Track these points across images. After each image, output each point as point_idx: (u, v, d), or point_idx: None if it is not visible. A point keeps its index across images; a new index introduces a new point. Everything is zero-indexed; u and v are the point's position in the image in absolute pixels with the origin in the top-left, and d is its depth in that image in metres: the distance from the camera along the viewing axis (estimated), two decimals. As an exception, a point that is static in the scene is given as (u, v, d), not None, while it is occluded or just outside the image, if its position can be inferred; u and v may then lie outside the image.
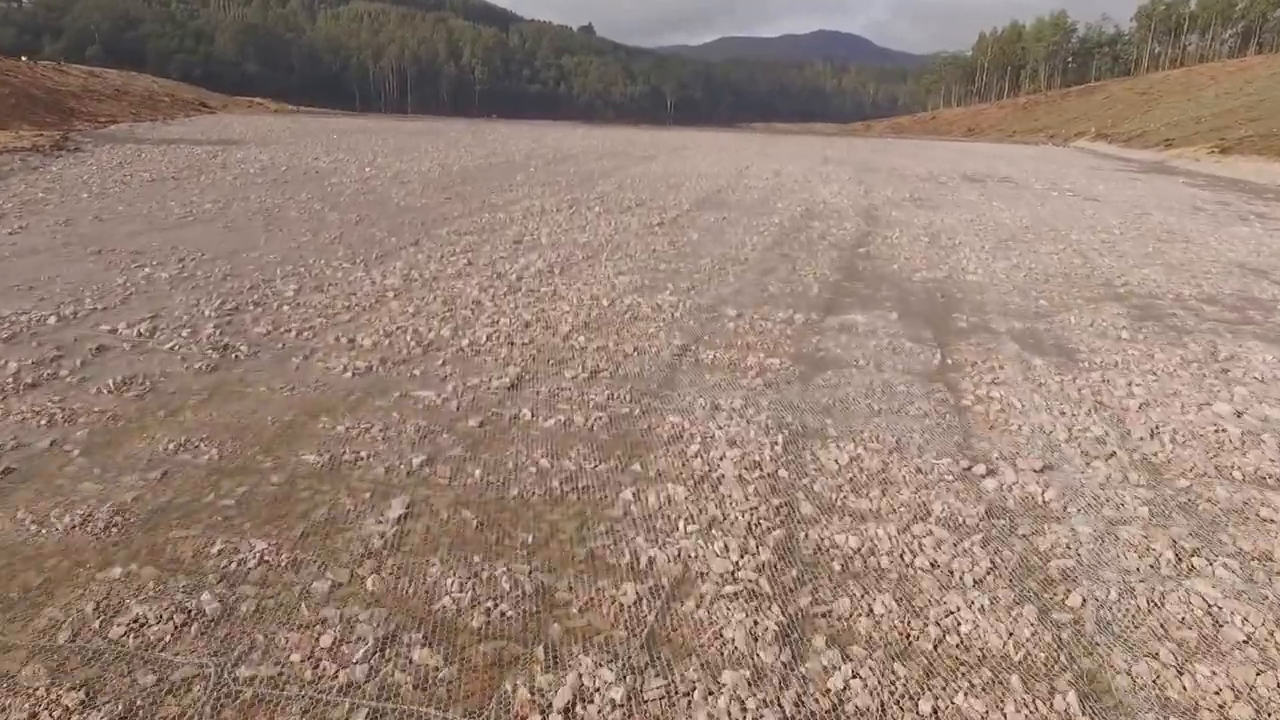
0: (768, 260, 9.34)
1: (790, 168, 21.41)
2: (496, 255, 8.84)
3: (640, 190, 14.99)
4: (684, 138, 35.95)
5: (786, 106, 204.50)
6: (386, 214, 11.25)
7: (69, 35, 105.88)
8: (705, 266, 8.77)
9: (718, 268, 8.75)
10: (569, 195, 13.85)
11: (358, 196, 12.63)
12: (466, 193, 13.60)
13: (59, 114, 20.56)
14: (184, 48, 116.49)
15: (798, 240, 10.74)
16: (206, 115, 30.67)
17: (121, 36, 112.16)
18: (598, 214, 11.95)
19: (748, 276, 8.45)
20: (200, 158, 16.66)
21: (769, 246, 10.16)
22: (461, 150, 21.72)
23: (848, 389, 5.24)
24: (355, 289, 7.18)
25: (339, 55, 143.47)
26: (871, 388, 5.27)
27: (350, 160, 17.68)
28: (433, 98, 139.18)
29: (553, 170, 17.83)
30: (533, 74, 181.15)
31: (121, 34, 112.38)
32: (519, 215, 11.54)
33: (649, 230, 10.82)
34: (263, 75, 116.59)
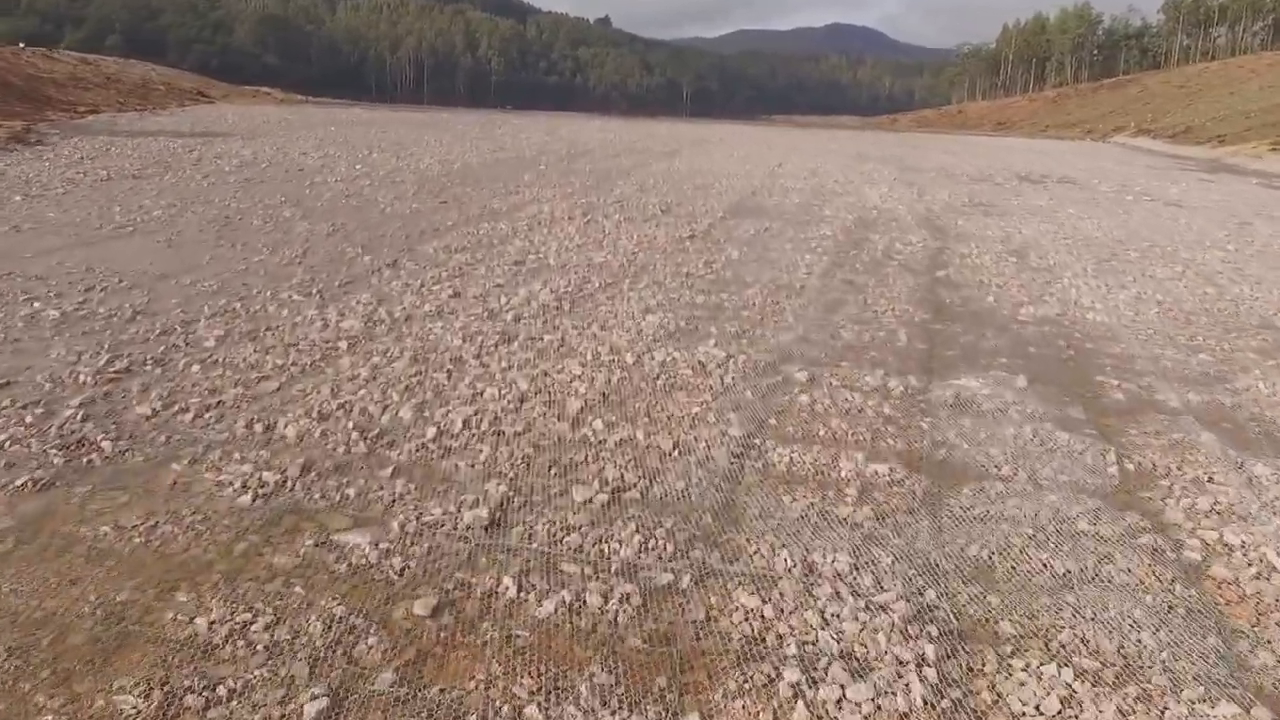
0: (829, 289, 7.51)
1: (827, 165, 19.47)
2: (491, 282, 7.07)
3: (664, 193, 13.17)
4: (706, 131, 34.01)
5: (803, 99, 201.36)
6: (367, 224, 9.51)
7: (90, 25, 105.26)
8: (754, 299, 6.95)
9: (770, 301, 6.94)
10: (583, 199, 12.06)
11: (338, 201, 10.91)
12: (465, 196, 11.84)
13: (32, 103, 19.02)
14: (203, 38, 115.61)
15: (859, 260, 8.89)
16: (203, 105, 29.12)
17: (142, 27, 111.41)
18: (617, 224, 10.15)
19: (810, 313, 6.63)
20: (174, 152, 15.02)
21: (827, 269, 8.31)
22: (468, 145, 19.97)
23: (1002, 528, 3.43)
24: (300, 335, 5.44)
25: (358, 46, 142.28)
26: (1038, 526, 3.45)
27: (341, 156, 15.98)
28: (449, 89, 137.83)
29: (566, 168, 16.04)
30: (549, 65, 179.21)
31: (142, 24, 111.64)
32: (524, 226, 9.77)
33: (679, 246, 9.01)
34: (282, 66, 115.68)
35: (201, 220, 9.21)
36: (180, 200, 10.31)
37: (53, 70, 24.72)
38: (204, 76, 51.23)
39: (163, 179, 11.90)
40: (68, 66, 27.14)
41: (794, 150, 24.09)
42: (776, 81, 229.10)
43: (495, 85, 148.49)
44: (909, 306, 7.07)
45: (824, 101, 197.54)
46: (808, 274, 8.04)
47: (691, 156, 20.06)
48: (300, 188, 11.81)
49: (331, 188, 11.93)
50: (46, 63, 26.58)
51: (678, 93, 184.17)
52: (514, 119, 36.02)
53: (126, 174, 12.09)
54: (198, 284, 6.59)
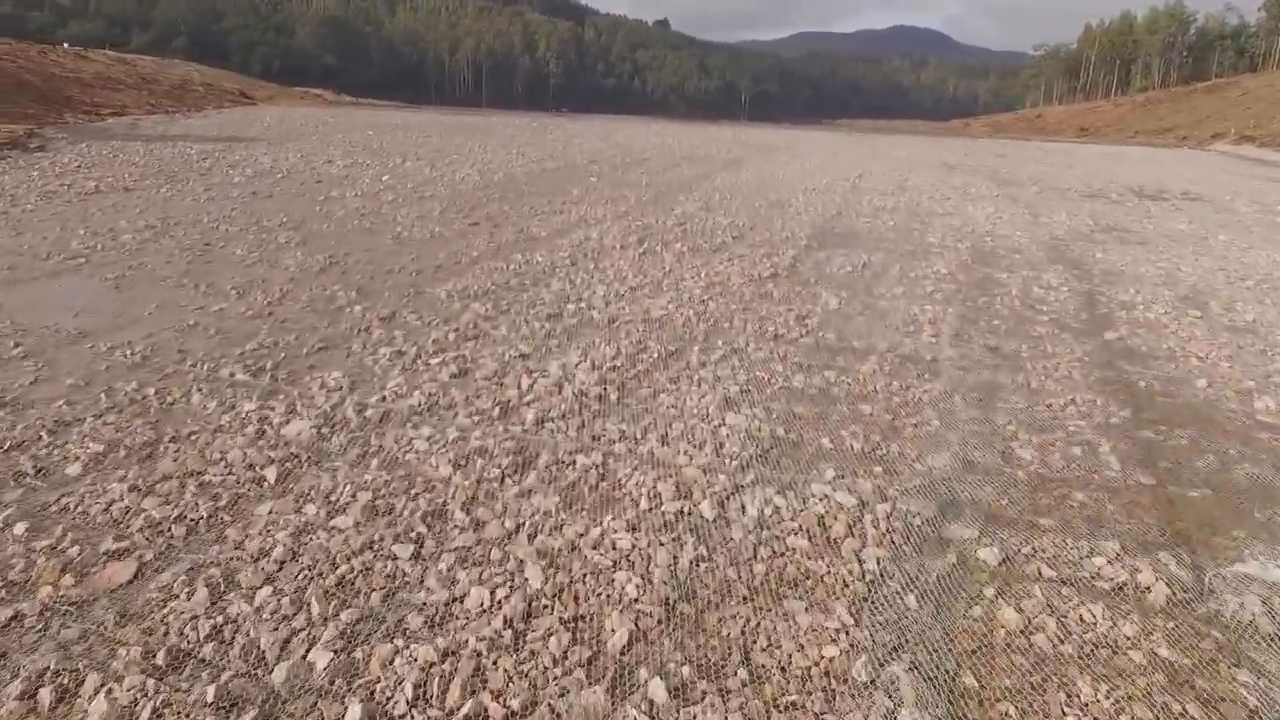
0: (972, 362, 5.45)
1: (913, 178, 17.17)
2: (513, 350, 5.22)
3: (734, 212, 11.19)
4: (770, 136, 31.81)
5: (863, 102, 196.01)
6: (373, 255, 7.80)
7: (157, 28, 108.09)
8: (874, 382, 4.95)
9: (897, 384, 4.92)
10: (639, 220, 10.17)
11: (348, 223, 9.25)
12: (500, 216, 10.07)
13: (49, 104, 18.11)
14: (266, 40, 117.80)
15: (994, 312, 6.77)
16: (243, 108, 28.21)
17: (208, 29, 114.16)
18: (679, 255, 8.22)
19: (958, 410, 4.60)
20: (186, 159, 13.69)
21: (958, 328, 6.23)
22: (513, 152, 18.30)
23: None
24: (217, 453, 3.67)
25: (416, 48, 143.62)
26: None
27: (370, 164, 14.44)
28: (507, 91, 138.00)
29: (619, 180, 14.19)
30: (607, 68, 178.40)
31: (208, 27, 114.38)
32: (565, 258, 7.92)
33: (758, 289, 7.04)
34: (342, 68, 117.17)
35: (175, 248, 7.62)
36: (163, 220, 8.79)
37: (81, 70, 23.97)
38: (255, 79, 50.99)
39: (156, 192, 10.45)
40: (99, 66, 26.39)
41: (871, 158, 21.78)
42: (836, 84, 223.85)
43: (553, 88, 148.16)
44: (1092, 396, 4.96)
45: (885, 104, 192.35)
46: (934, 336, 5.98)
47: (759, 166, 18.00)
48: (310, 204, 10.21)
49: (346, 204, 10.30)
50: (77, 62, 25.94)
51: (735, 96, 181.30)
52: (568, 123, 34.42)
53: (118, 186, 10.70)
54: (118, 351, 4.91)
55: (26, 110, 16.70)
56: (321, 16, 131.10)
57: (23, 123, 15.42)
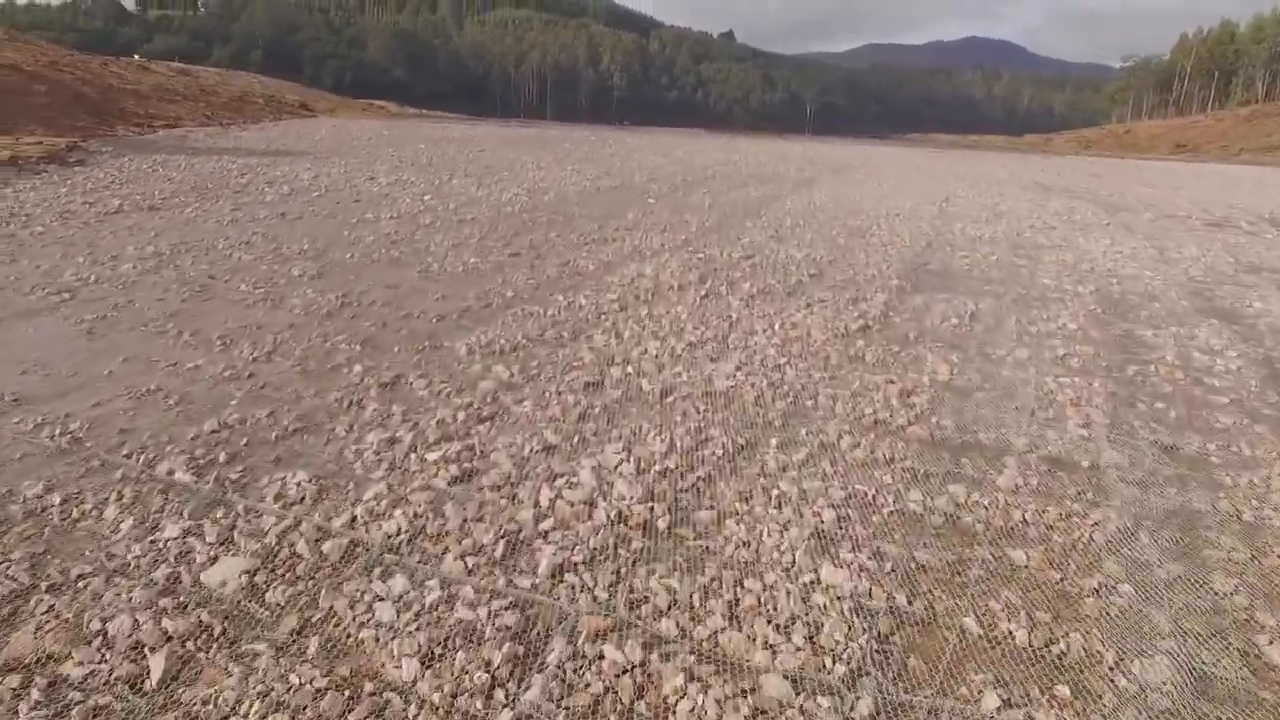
0: (1146, 473, 4.03)
1: (1006, 201, 15.48)
2: (534, 443, 4.04)
3: (809, 242, 9.88)
4: (842, 153, 30.20)
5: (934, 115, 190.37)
6: (395, 293, 6.78)
7: (236, 42, 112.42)
8: (1018, 505, 3.60)
9: (1057, 517, 3.56)
10: (700, 252, 8.94)
11: (375, 251, 8.29)
12: (545, 245, 8.99)
13: (102, 116, 17.95)
14: (338, 53, 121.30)
15: (1154, 389, 5.29)
16: (301, 120, 28.10)
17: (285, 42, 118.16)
18: (748, 299, 6.96)
19: (1151, 562, 3.23)
20: (224, 175, 13.08)
21: (1114, 415, 4.79)
22: (568, 169, 17.32)
23: None
24: (89, 628, 2.60)
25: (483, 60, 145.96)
26: None
27: (415, 182, 13.60)
28: (571, 103, 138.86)
29: (680, 202, 13.00)
30: (671, 80, 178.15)
31: (283, 40, 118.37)
32: (613, 300, 6.75)
33: (846, 349, 5.72)
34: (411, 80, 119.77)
35: (174, 282, 6.75)
36: (175, 246, 7.98)
37: (140, 82, 24.05)
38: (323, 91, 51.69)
39: (180, 213, 9.73)
40: (160, 78, 26.51)
41: (954, 178, 20.05)
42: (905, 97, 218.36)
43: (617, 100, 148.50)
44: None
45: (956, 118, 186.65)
46: (1084, 427, 4.57)
47: (832, 186, 16.56)
48: (339, 228, 9.33)
49: (378, 229, 9.38)
50: (138, 74, 26.13)
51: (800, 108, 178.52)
52: (628, 137, 33.45)
53: (143, 205, 10.03)
54: (47, 429, 3.94)
55: (77, 123, 16.54)
56: (392, 30, 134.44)
57: (71, 135, 15.19)
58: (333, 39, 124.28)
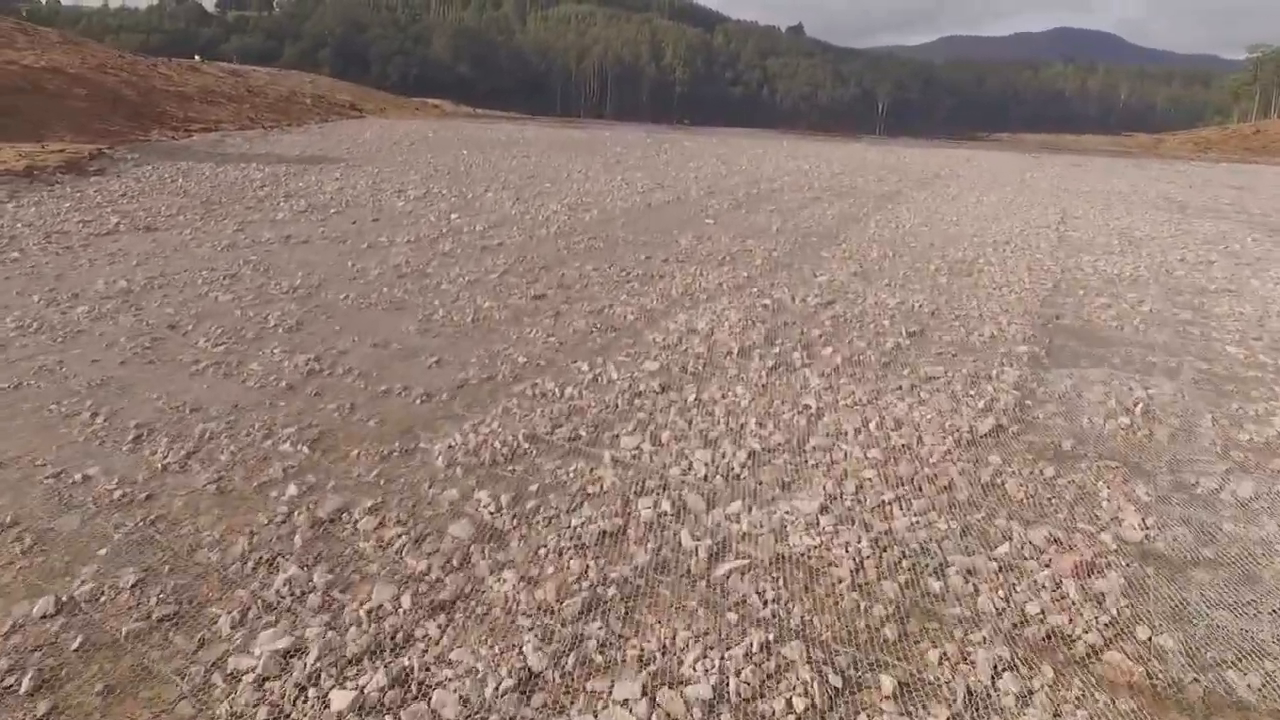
0: None
1: (1136, 222, 13.20)
2: (506, 671, 2.56)
3: (902, 280, 8.14)
4: (925, 158, 27.87)
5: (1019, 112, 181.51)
6: (378, 357, 5.39)
7: (306, 40, 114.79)
8: None
9: None
10: (768, 294, 7.32)
11: (378, 288, 6.94)
12: (578, 283, 7.51)
13: (139, 120, 17.34)
14: (403, 50, 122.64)
15: None
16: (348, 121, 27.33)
17: (352, 41, 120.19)
18: (830, 374, 5.33)
19: None
20: (244, 187, 12.04)
21: None
22: (617, 178, 15.82)
23: None
24: None
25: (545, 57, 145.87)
26: None
27: (446, 195, 12.32)
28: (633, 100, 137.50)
29: (743, 223, 11.37)
30: (735, 76, 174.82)
31: (352, 39, 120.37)
32: (653, 372, 5.22)
33: (975, 469, 4.05)
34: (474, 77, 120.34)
35: (125, 333, 5.53)
36: (150, 281, 6.80)
37: (185, 83, 23.56)
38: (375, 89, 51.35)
39: (178, 234, 8.62)
40: (208, 79, 26.03)
41: (1062, 190, 17.75)
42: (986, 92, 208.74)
43: (679, 97, 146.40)
44: None
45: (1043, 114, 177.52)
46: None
47: (921, 202, 14.62)
48: (345, 256, 8.04)
49: (389, 258, 8.06)
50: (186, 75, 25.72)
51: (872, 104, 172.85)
52: (686, 140, 31.76)
53: (141, 224, 8.96)
54: None
55: (110, 127, 15.92)
56: (456, 27, 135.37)
57: (103, 140, 14.51)
58: (399, 36, 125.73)
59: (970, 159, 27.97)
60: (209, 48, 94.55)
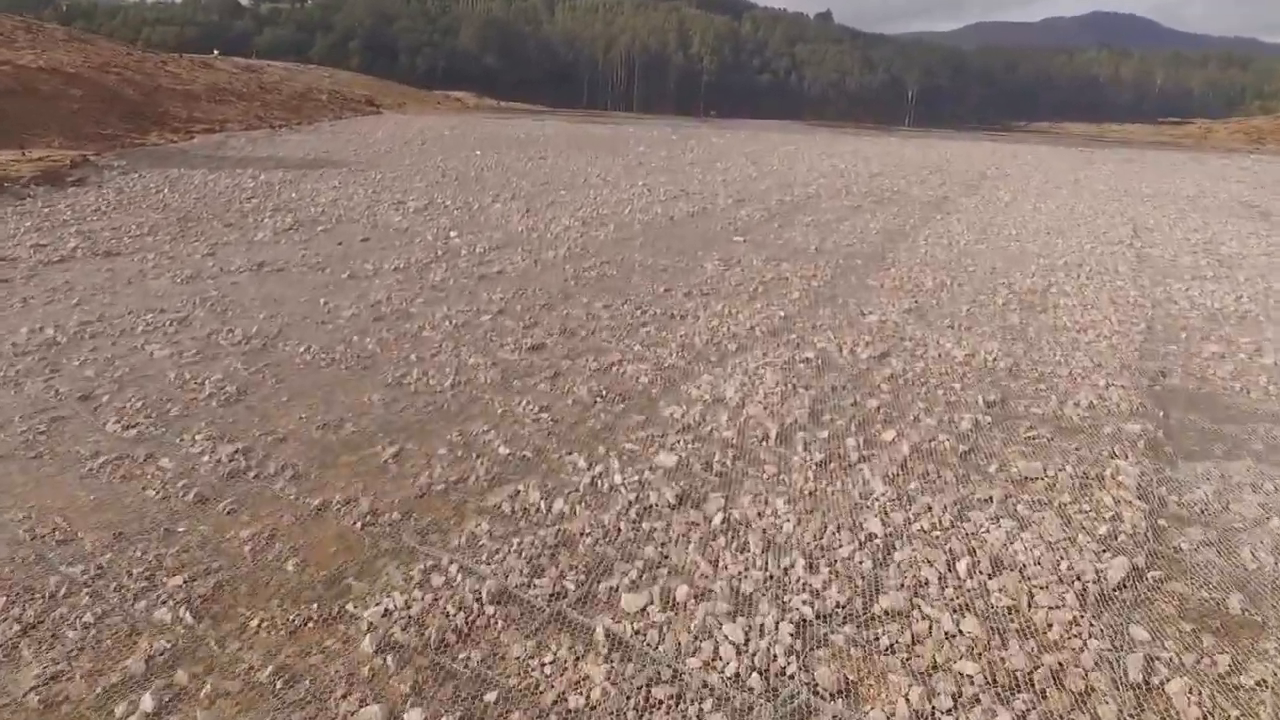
0: None
1: (1219, 232, 11.74)
2: None
3: (969, 320, 6.92)
4: (967, 154, 26.22)
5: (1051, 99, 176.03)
6: (320, 447, 4.30)
7: (337, 33, 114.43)
8: None
9: None
10: (810, 345, 6.15)
11: (345, 338, 5.87)
12: (585, 326, 6.40)
13: (138, 122, 16.50)
14: (432, 41, 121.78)
15: None
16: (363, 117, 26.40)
17: (381, 33, 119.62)
18: (895, 476, 4.15)
19: None
20: (234, 198, 11.07)
21: None
22: (638, 183, 14.63)
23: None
24: None
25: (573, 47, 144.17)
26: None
27: (448, 207, 11.24)
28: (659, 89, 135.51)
29: (776, 240, 10.16)
30: (763, 63, 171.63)
31: (381, 30, 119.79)
32: (668, 474, 4.09)
33: (1110, 638, 2.87)
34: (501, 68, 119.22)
35: (24, 408, 4.49)
36: (81, 328, 5.79)
37: (193, 81, 22.69)
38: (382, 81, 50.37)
39: (139, 261, 7.63)
40: (219, 76, 25.11)
41: (1126, 195, 16.18)
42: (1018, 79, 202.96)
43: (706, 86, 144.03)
44: None
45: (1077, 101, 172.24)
46: None
47: (972, 211, 13.24)
48: (320, 290, 7.00)
49: (369, 293, 6.99)
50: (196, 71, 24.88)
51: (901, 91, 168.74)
52: (713, 135, 30.33)
53: (100, 249, 7.99)
54: None
55: (104, 130, 15.09)
56: (485, 17, 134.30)
57: (94, 145, 13.68)
58: (427, 27, 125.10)
59: (1015, 155, 26.27)
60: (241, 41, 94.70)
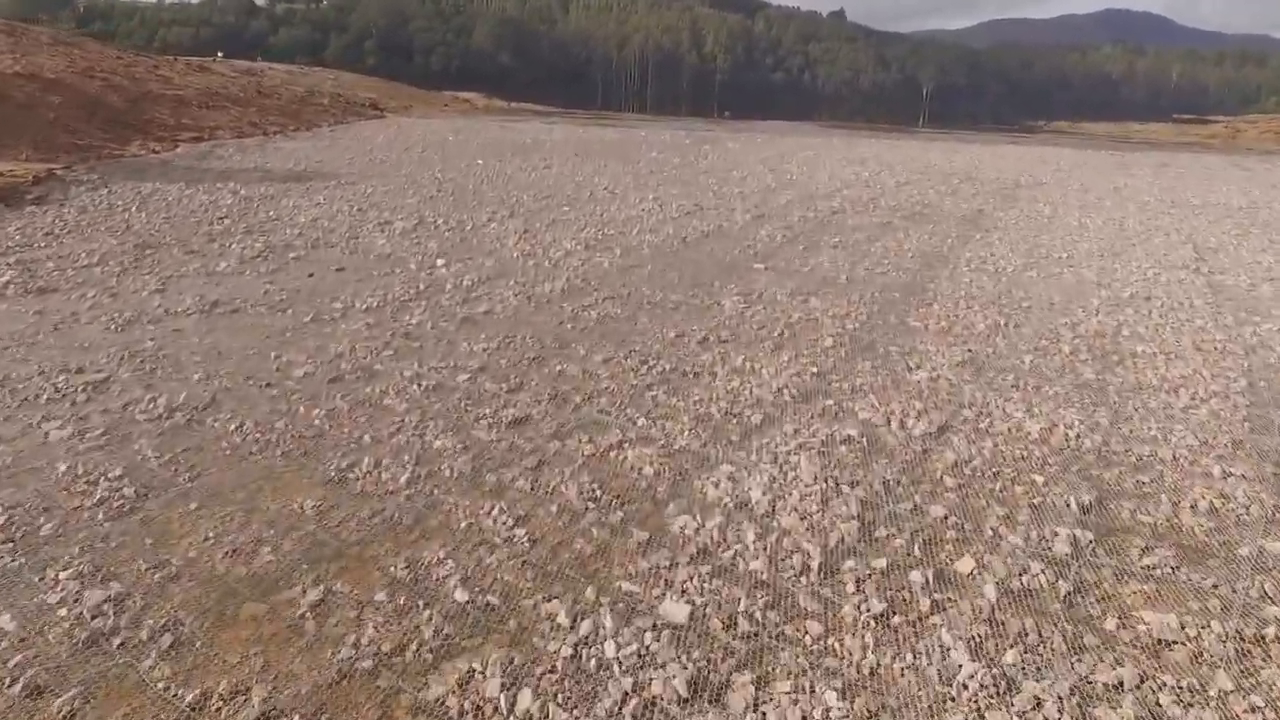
0: None
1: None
2: None
3: (1034, 378, 5.85)
4: (998, 160, 24.94)
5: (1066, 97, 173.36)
6: (230, 597, 3.32)
7: (352, 33, 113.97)
8: None
9: None
10: (849, 418, 5.10)
11: (297, 404, 4.86)
12: (579, 388, 5.38)
13: (120, 130, 15.59)
14: (445, 41, 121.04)
15: None
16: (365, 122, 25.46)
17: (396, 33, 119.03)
18: (981, 636, 3.12)
19: None
20: (205, 217, 10.12)
21: None
22: (649, 197, 13.57)
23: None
24: None
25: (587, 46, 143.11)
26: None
27: (441, 225, 10.24)
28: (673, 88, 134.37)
29: (802, 268, 9.10)
30: (776, 62, 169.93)
31: (396, 30, 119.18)
32: (678, 626, 3.06)
33: None
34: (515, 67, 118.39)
35: None
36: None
37: (186, 86, 21.80)
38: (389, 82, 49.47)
39: (80, 298, 6.65)
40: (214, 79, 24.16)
41: (1175, 207, 14.94)
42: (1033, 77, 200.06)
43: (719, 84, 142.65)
44: None
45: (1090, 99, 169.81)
46: None
47: (1013, 225, 12.11)
48: (277, 338, 6.01)
49: (336, 337, 5.99)
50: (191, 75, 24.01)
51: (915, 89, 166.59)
52: (729, 140, 29.16)
53: (37, 283, 7.00)
54: None
55: (79, 140, 14.21)
56: (499, 17, 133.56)
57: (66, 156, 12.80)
58: (442, 27, 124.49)
59: (1044, 160, 24.99)
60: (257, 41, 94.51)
